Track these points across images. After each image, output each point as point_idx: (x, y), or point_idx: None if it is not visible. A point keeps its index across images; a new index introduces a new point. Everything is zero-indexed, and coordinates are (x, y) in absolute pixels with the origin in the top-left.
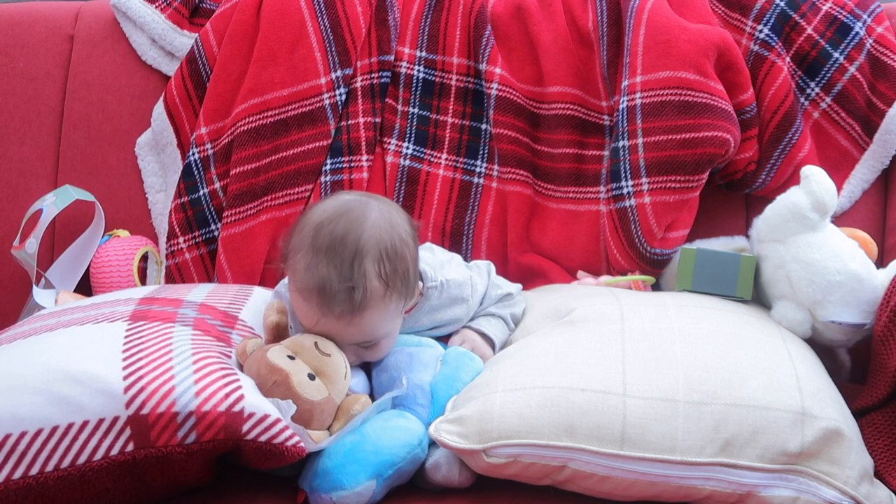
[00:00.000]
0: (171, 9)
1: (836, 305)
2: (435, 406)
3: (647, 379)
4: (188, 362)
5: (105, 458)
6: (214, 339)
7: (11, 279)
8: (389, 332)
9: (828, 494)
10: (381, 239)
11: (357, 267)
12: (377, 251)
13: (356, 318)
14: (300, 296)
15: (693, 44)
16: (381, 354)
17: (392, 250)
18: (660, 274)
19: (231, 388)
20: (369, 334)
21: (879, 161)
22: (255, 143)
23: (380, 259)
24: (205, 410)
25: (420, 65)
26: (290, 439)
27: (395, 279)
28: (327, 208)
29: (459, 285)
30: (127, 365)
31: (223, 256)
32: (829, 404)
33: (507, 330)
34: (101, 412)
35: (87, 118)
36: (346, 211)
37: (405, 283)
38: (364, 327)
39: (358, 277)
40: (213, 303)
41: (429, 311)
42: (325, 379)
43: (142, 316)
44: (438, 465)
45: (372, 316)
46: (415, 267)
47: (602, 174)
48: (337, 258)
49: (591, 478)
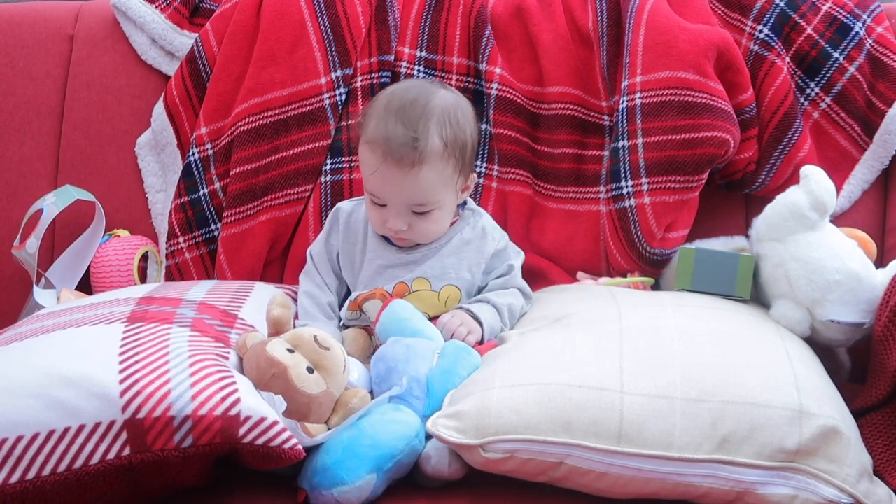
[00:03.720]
0: (171, 9)
1: (834, 304)
2: (431, 399)
3: (645, 376)
4: (184, 365)
5: (102, 463)
6: (213, 339)
7: (12, 279)
8: (443, 203)
9: (826, 492)
10: (447, 108)
11: (422, 124)
12: (442, 116)
13: (415, 169)
14: (367, 147)
15: (693, 44)
16: (430, 231)
17: (455, 119)
18: (659, 274)
19: (228, 392)
20: (424, 193)
21: (879, 161)
22: (254, 143)
23: (443, 123)
24: (201, 414)
25: (420, 65)
26: (287, 441)
27: (454, 145)
28: (402, 83)
29: (494, 227)
30: (123, 368)
31: (223, 256)
32: (826, 402)
33: (499, 319)
34: (97, 416)
35: (87, 118)
36: (419, 84)
37: (462, 154)
38: (421, 182)
39: (422, 131)
40: (213, 301)
41: (460, 242)
42: (324, 372)
43: (139, 317)
44: (428, 457)
45: (429, 173)
46: (472, 147)
47: (602, 174)
48: (405, 116)
49: (588, 474)
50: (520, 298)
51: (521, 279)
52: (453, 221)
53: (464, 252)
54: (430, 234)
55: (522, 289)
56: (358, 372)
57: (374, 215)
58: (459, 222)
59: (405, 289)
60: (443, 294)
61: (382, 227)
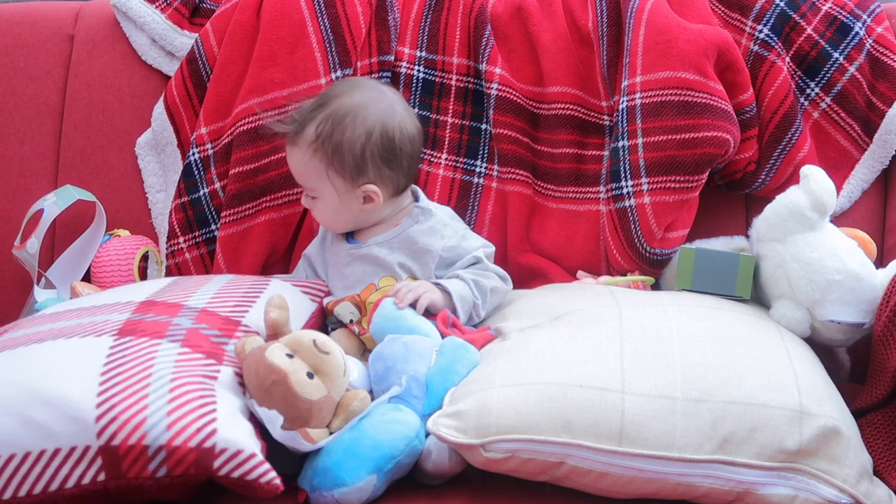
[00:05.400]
0: (172, 9)
1: (834, 304)
2: (430, 397)
3: (646, 376)
4: (164, 390)
5: (77, 487)
6: (203, 356)
7: (12, 279)
8: (322, 194)
9: (826, 492)
10: (348, 109)
11: (313, 113)
12: (333, 114)
13: (290, 147)
14: None
15: (693, 44)
16: (321, 218)
17: (339, 122)
18: (659, 274)
19: (204, 422)
20: (297, 173)
21: (879, 161)
22: (254, 144)
23: (328, 119)
24: (175, 445)
25: (420, 65)
26: (263, 476)
27: (327, 141)
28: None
29: (444, 224)
30: (102, 391)
31: (221, 256)
32: (827, 402)
33: (469, 290)
34: (72, 440)
35: (87, 118)
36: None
37: (335, 155)
38: (292, 161)
39: (308, 118)
40: (217, 307)
41: (406, 240)
42: (324, 377)
43: (131, 329)
44: (429, 452)
45: (297, 155)
46: (353, 155)
47: (602, 174)
48: (318, 98)
49: (588, 474)
50: (493, 279)
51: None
52: (398, 223)
53: (410, 247)
54: (323, 220)
55: (497, 272)
56: (358, 371)
57: None
58: (406, 220)
59: (373, 287)
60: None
61: None
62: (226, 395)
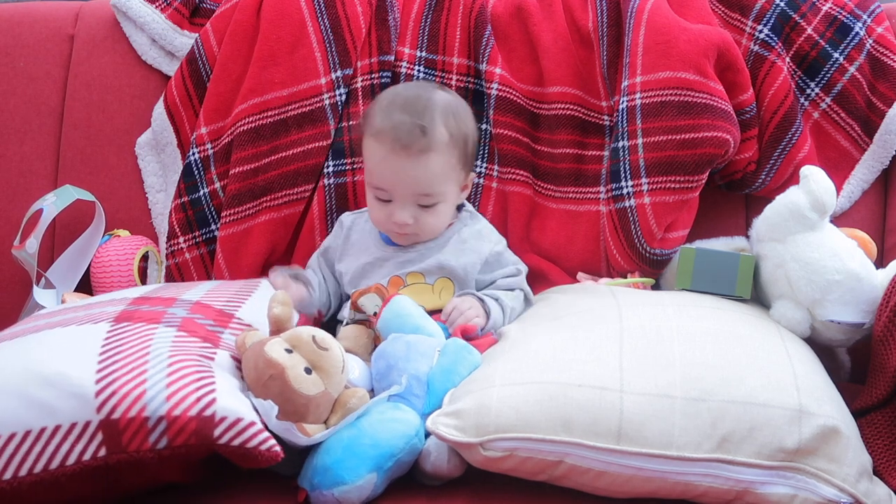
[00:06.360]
0: (172, 9)
1: (834, 304)
2: (431, 397)
3: (645, 376)
4: (163, 365)
5: (78, 464)
6: (200, 339)
7: (12, 279)
8: (447, 197)
9: (826, 492)
10: (449, 102)
11: (428, 115)
12: (446, 110)
13: (423, 156)
14: (374, 140)
15: (693, 44)
16: (434, 225)
17: (457, 113)
18: (659, 274)
19: (204, 392)
20: (431, 181)
21: (879, 161)
22: (254, 144)
23: (447, 114)
24: (175, 415)
25: (420, 65)
26: (263, 443)
27: (458, 136)
28: (402, 84)
29: (491, 230)
30: (101, 368)
31: (221, 256)
32: (826, 402)
33: (502, 318)
34: (73, 416)
35: (87, 118)
36: (420, 84)
37: (465, 148)
38: (428, 170)
39: (428, 121)
40: (210, 301)
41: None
42: (322, 373)
43: (127, 317)
44: (428, 452)
45: (436, 161)
46: (473, 143)
47: (602, 174)
48: (411, 108)
49: (587, 473)
50: (522, 303)
51: (527, 284)
52: (451, 223)
53: (460, 250)
54: (434, 228)
55: (527, 294)
56: (359, 369)
57: (378, 212)
58: (457, 223)
59: (400, 282)
60: (437, 286)
61: (387, 222)
62: (223, 374)
